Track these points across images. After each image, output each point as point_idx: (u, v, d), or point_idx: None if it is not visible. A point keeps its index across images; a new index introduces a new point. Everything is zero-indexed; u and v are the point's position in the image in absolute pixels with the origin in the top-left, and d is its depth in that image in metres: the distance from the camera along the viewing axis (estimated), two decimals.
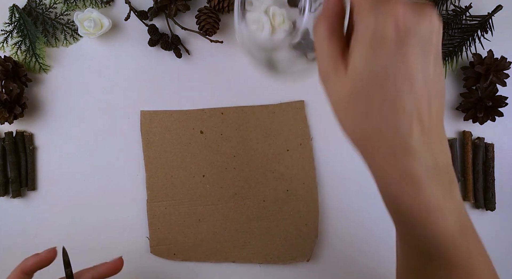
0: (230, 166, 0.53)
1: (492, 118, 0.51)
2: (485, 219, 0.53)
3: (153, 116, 0.54)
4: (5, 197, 0.54)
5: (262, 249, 0.53)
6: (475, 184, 0.53)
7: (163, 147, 0.53)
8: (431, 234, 0.26)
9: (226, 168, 0.53)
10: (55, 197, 0.54)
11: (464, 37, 0.52)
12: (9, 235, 0.54)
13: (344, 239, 0.54)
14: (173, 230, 0.53)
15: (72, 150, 0.54)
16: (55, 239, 0.54)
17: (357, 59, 0.23)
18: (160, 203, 0.53)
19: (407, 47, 0.22)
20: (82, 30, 0.51)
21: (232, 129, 0.53)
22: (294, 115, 0.54)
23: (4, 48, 0.54)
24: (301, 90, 0.54)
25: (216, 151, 0.53)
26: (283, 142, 0.53)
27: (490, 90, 0.51)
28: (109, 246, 0.53)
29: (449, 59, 0.52)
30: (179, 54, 0.53)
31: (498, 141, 0.54)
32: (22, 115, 0.51)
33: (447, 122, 0.54)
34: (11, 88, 0.50)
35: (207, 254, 0.53)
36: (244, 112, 0.54)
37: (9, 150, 0.53)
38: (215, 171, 0.53)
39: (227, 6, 0.52)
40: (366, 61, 0.23)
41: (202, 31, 0.52)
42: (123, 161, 0.54)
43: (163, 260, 0.53)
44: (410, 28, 0.22)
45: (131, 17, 0.54)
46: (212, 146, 0.53)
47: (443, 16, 0.52)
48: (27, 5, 0.54)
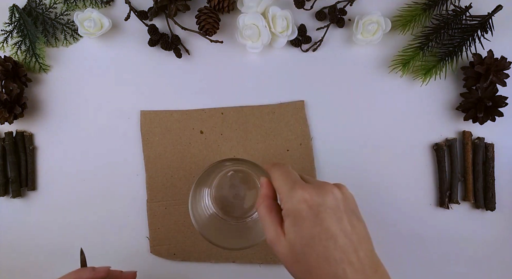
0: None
1: (492, 118, 0.51)
2: (485, 219, 0.53)
3: (153, 116, 0.54)
4: (5, 197, 0.54)
5: (262, 249, 0.53)
6: (475, 184, 0.53)
7: (163, 147, 0.53)
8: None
9: None
10: (55, 197, 0.54)
11: (464, 37, 0.52)
12: (9, 235, 0.54)
13: None
14: (173, 230, 0.53)
15: (72, 150, 0.54)
16: (55, 239, 0.54)
17: (287, 229, 0.32)
18: (160, 203, 0.53)
19: (321, 216, 0.31)
20: (82, 30, 0.51)
21: (232, 129, 0.53)
22: (294, 115, 0.54)
23: (4, 48, 0.54)
24: (301, 90, 0.54)
25: (216, 151, 0.53)
26: (283, 142, 0.53)
27: (490, 90, 0.51)
28: (109, 246, 0.53)
29: (449, 59, 0.52)
30: (179, 54, 0.53)
31: (498, 141, 0.54)
32: (22, 115, 0.51)
33: (447, 122, 0.54)
34: (11, 88, 0.50)
35: (207, 254, 0.53)
36: (244, 112, 0.54)
37: (9, 150, 0.53)
38: None
39: (227, 6, 0.52)
40: (294, 231, 0.31)
41: (202, 31, 0.52)
42: (123, 161, 0.54)
43: (163, 260, 0.53)
44: (318, 204, 0.31)
45: (131, 17, 0.54)
46: (212, 146, 0.53)
47: (443, 16, 0.52)
48: (27, 5, 0.54)
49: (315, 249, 0.30)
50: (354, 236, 0.31)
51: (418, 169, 0.54)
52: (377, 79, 0.54)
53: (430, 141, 0.54)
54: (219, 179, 0.50)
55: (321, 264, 0.30)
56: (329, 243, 0.30)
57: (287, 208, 0.32)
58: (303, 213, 0.31)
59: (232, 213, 0.50)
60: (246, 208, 0.50)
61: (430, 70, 0.52)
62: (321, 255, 0.30)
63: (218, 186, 0.50)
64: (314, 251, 0.30)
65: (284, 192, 0.33)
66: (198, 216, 0.46)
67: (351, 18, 0.54)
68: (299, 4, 0.53)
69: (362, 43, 0.53)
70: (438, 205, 0.54)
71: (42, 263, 0.54)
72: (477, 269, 0.54)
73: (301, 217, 0.31)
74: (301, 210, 0.31)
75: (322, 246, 0.30)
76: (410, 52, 0.52)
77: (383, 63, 0.54)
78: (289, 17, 0.51)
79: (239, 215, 0.50)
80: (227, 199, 0.50)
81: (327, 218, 0.31)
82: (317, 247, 0.30)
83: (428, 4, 0.52)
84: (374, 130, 0.54)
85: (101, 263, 0.53)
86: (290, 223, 0.32)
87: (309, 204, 0.31)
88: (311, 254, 0.30)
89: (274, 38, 0.52)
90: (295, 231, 0.31)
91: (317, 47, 0.54)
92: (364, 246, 0.31)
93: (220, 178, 0.50)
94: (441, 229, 0.54)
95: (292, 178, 0.34)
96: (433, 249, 0.54)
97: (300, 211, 0.31)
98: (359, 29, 0.51)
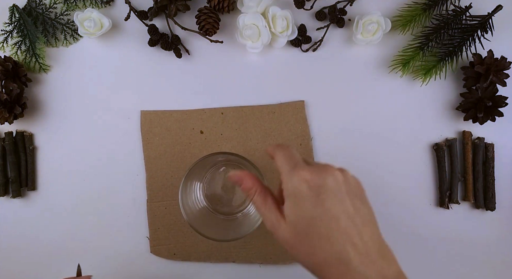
0: None
1: (492, 118, 0.51)
2: (485, 219, 0.53)
3: (153, 116, 0.54)
4: (5, 197, 0.54)
5: (262, 249, 0.53)
6: (475, 184, 0.53)
7: (163, 147, 0.53)
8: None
9: None
10: (55, 197, 0.54)
11: (464, 37, 0.52)
12: (9, 235, 0.54)
13: None
14: (173, 230, 0.53)
15: (72, 150, 0.54)
16: (55, 239, 0.54)
17: (288, 211, 0.32)
18: (160, 203, 0.53)
19: (322, 197, 0.30)
20: (82, 30, 0.51)
21: (232, 129, 0.53)
22: (294, 115, 0.54)
23: (4, 48, 0.54)
24: (301, 90, 0.54)
25: (216, 151, 0.53)
26: (283, 142, 0.53)
27: (490, 90, 0.51)
28: (109, 246, 0.53)
29: (449, 59, 0.52)
30: (179, 54, 0.53)
31: (498, 141, 0.54)
32: (22, 115, 0.51)
33: (447, 122, 0.54)
34: (11, 88, 0.50)
35: (207, 254, 0.53)
36: (244, 112, 0.54)
37: (9, 150, 0.53)
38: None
39: (227, 6, 0.52)
40: (295, 212, 0.31)
41: (202, 31, 0.52)
42: (123, 161, 0.54)
43: (163, 260, 0.53)
44: (319, 185, 0.31)
45: (131, 17, 0.54)
46: (212, 146, 0.53)
47: (443, 16, 0.52)
48: (27, 5, 0.54)
49: (316, 229, 0.30)
50: (358, 219, 0.30)
51: (418, 169, 0.54)
52: (377, 79, 0.54)
53: (430, 141, 0.54)
54: (212, 174, 0.50)
55: (324, 245, 0.30)
56: (331, 224, 0.29)
57: (287, 188, 0.32)
58: (304, 194, 0.31)
59: (223, 207, 0.50)
60: (237, 203, 0.51)
61: (430, 70, 0.52)
62: (323, 235, 0.30)
63: (210, 181, 0.50)
64: (316, 232, 0.30)
65: (285, 172, 0.32)
66: (189, 208, 0.46)
67: (351, 18, 0.54)
68: (299, 4, 0.53)
69: (362, 43, 0.53)
70: (438, 205, 0.54)
71: (42, 263, 0.54)
72: (477, 269, 0.54)
73: (301, 198, 0.31)
74: (302, 190, 0.31)
75: (323, 227, 0.30)
76: (410, 52, 0.52)
77: (383, 63, 0.54)
78: (289, 17, 0.51)
79: (230, 210, 0.50)
80: (218, 194, 0.51)
81: (328, 199, 0.30)
82: (319, 228, 0.30)
83: (428, 4, 0.52)
84: (374, 130, 0.54)
85: (101, 263, 0.54)
86: (291, 203, 0.31)
87: (309, 184, 0.31)
88: (313, 235, 0.30)
89: (274, 38, 0.52)
90: (296, 211, 0.31)
91: (317, 47, 0.54)
92: (369, 230, 0.30)
93: (212, 173, 0.50)
94: (441, 229, 0.54)
95: (295, 159, 0.33)
96: (433, 249, 0.54)
97: (300, 191, 0.31)
98: (359, 29, 0.51)
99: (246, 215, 0.49)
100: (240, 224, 0.48)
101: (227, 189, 0.51)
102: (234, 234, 0.45)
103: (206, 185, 0.51)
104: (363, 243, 0.29)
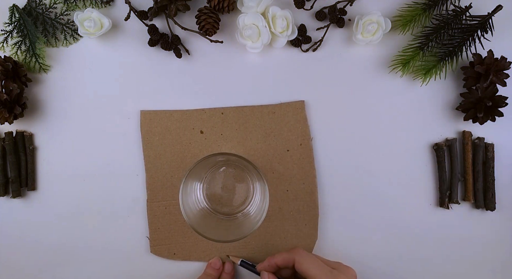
0: None
1: (492, 118, 0.51)
2: (485, 219, 0.53)
3: (153, 116, 0.54)
4: (5, 197, 0.54)
5: (262, 249, 0.53)
6: (475, 184, 0.53)
7: (163, 147, 0.53)
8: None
9: None
10: (55, 197, 0.54)
11: (464, 37, 0.51)
12: (9, 235, 0.54)
13: (344, 239, 0.54)
14: (173, 230, 0.53)
15: (72, 150, 0.54)
16: (55, 239, 0.54)
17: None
18: (160, 203, 0.53)
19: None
20: (82, 30, 0.51)
21: (232, 129, 0.53)
22: (294, 115, 0.54)
23: (4, 48, 0.54)
24: (301, 90, 0.54)
25: (216, 151, 0.53)
26: (283, 142, 0.53)
27: (490, 90, 0.51)
28: (109, 246, 0.53)
29: (449, 59, 0.52)
30: (179, 54, 0.53)
31: (498, 141, 0.54)
32: (22, 115, 0.51)
33: (447, 122, 0.54)
34: (11, 88, 0.50)
35: (207, 254, 0.53)
36: (244, 112, 0.54)
37: (9, 150, 0.53)
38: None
39: (227, 6, 0.52)
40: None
41: (202, 31, 0.52)
42: (123, 161, 0.54)
43: (163, 260, 0.53)
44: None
45: (131, 17, 0.54)
46: (212, 146, 0.53)
47: (443, 16, 0.52)
48: (27, 5, 0.54)
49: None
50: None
51: (418, 169, 0.54)
52: (377, 79, 0.54)
53: (430, 141, 0.54)
54: (212, 174, 0.50)
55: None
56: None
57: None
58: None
59: (223, 207, 0.50)
60: (237, 203, 0.51)
61: (430, 70, 0.52)
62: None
63: (210, 181, 0.50)
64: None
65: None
66: (189, 209, 0.47)
67: (351, 18, 0.54)
68: (299, 4, 0.53)
69: (362, 43, 0.53)
70: (438, 205, 0.54)
71: (42, 263, 0.54)
72: (477, 269, 0.54)
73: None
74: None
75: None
76: (410, 52, 0.52)
77: (383, 63, 0.54)
78: (289, 17, 0.51)
79: (230, 210, 0.50)
80: (219, 194, 0.51)
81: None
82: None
83: (428, 4, 0.52)
84: (374, 130, 0.54)
85: (101, 263, 0.54)
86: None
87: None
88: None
89: (274, 38, 0.52)
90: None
91: (317, 47, 0.54)
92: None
93: (212, 173, 0.50)
94: (441, 229, 0.54)
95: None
96: (433, 249, 0.54)
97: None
98: (359, 29, 0.51)
99: (247, 215, 0.49)
100: (240, 224, 0.49)
101: (227, 189, 0.51)
102: (234, 234, 0.45)
103: (206, 185, 0.51)
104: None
